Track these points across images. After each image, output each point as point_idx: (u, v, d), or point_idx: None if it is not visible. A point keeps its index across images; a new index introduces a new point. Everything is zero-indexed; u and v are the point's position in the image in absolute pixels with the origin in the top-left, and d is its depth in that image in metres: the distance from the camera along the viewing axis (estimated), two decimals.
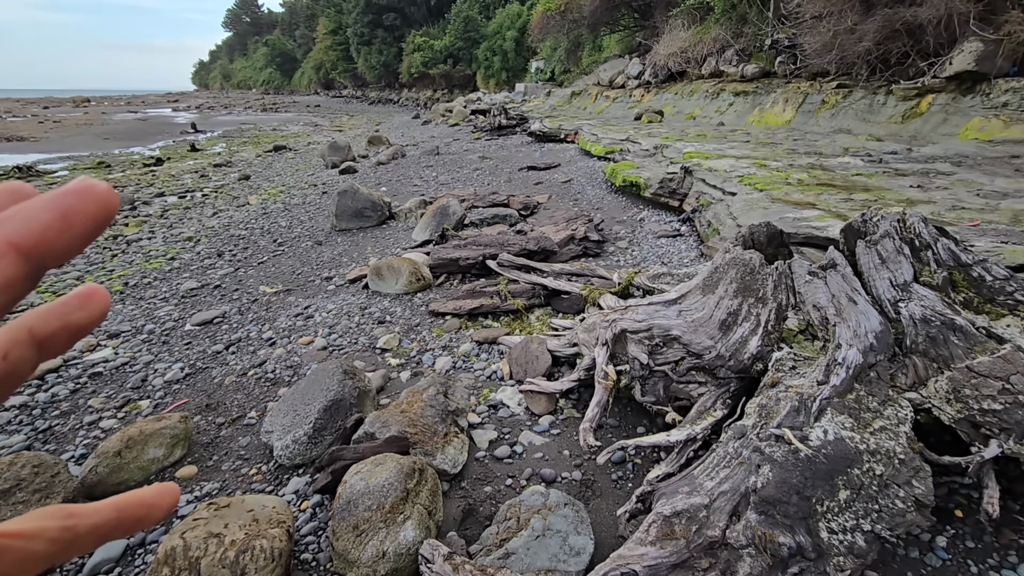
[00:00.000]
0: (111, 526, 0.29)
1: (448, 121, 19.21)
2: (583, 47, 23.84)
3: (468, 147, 12.28)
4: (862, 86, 10.26)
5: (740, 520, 1.58)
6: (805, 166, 6.15)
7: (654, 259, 4.63)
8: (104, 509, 0.29)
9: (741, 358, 2.16)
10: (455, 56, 36.18)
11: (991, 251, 2.94)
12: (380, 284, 4.16)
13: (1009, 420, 1.71)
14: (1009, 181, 5.03)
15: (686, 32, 16.17)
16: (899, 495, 1.56)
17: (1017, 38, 7.44)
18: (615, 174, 6.86)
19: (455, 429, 2.33)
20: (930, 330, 1.98)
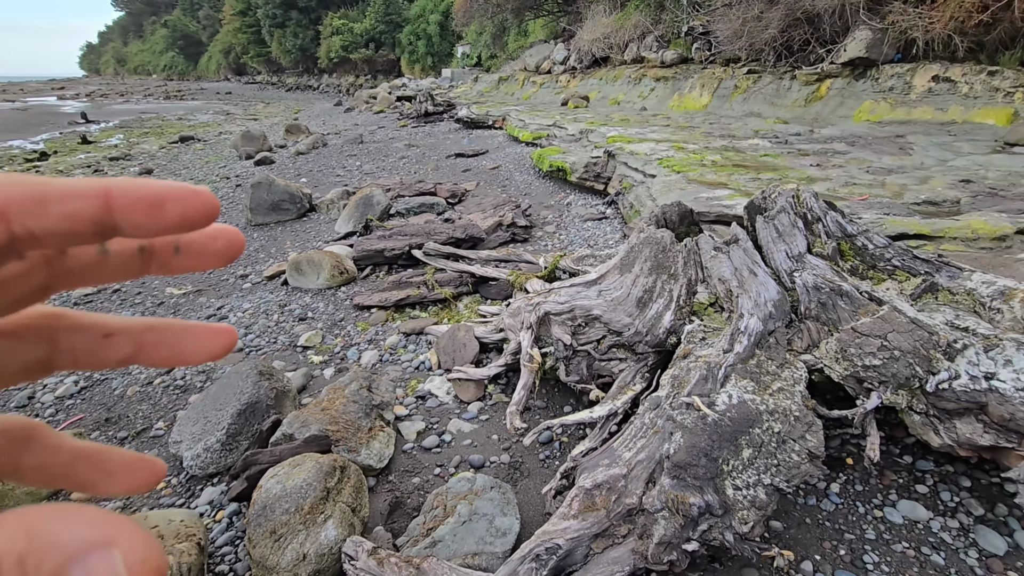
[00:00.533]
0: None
1: (372, 108, 18.60)
2: (508, 32, 23.75)
3: (394, 135, 11.95)
4: (770, 72, 10.90)
5: (655, 486, 1.65)
6: (719, 148, 6.47)
7: (581, 242, 4.73)
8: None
9: (657, 333, 2.25)
10: (377, 40, 34.98)
11: (876, 222, 3.22)
12: (300, 279, 3.98)
13: (886, 373, 1.89)
14: (894, 159, 5.53)
15: (608, 18, 16.49)
16: (795, 449, 1.68)
17: (899, 27, 8.15)
18: (542, 159, 6.92)
19: (380, 423, 2.29)
20: (821, 296, 2.14)
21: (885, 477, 2.02)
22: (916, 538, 1.78)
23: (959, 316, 2.10)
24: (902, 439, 2.17)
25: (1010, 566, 1.68)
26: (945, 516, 1.85)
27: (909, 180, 4.45)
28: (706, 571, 1.71)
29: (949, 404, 1.82)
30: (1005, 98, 6.61)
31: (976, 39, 6.98)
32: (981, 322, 2.05)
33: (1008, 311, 2.06)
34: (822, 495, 1.95)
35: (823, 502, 1.92)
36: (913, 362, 1.88)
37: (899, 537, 1.78)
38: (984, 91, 6.87)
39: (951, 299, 2.23)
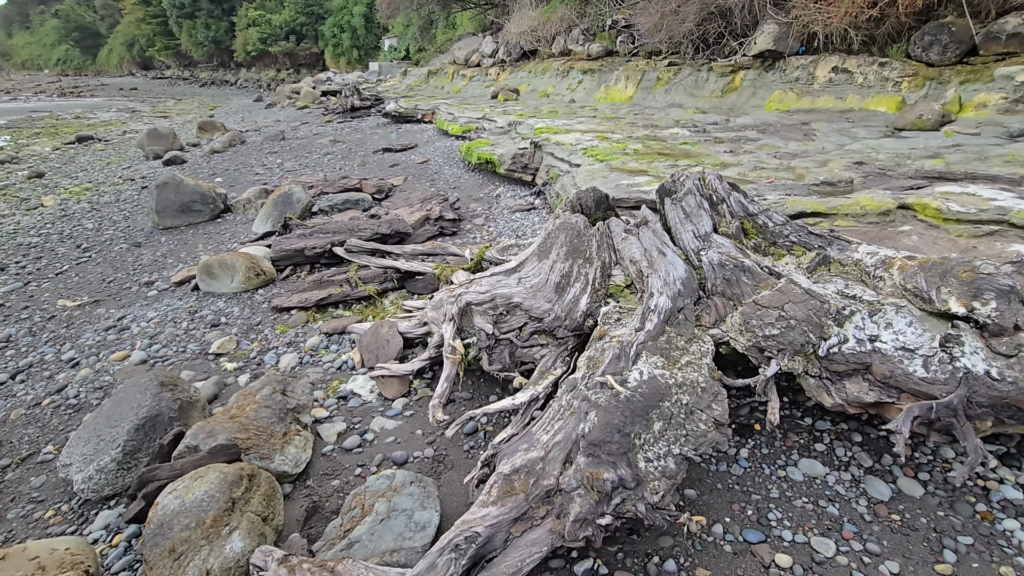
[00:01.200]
0: None
1: (296, 103, 17.81)
2: (436, 24, 23.42)
3: (318, 131, 11.50)
4: (689, 64, 11.34)
5: (572, 465, 1.68)
6: (642, 137, 6.66)
7: (509, 233, 4.73)
8: None
9: (575, 316, 2.28)
10: (298, 33, 33.48)
11: (778, 202, 3.42)
12: (212, 284, 3.74)
13: (784, 341, 2.00)
14: (799, 144, 5.90)
15: (534, 11, 16.58)
16: (702, 419, 1.76)
17: (802, 21, 8.68)
18: (470, 152, 6.87)
19: (296, 427, 2.19)
20: (726, 273, 2.25)
21: (788, 439, 2.15)
22: (814, 493, 1.90)
23: (848, 285, 2.26)
24: (804, 403, 2.32)
25: (893, 509, 1.83)
26: (839, 470, 1.99)
27: (811, 163, 4.76)
28: (625, 543, 1.75)
29: (839, 366, 1.96)
30: (894, 87, 7.21)
31: (868, 33, 7.56)
32: (867, 289, 2.22)
33: (889, 278, 2.23)
34: (732, 461, 2.05)
35: (733, 467, 2.02)
36: (807, 330, 2.01)
37: (799, 493, 1.90)
38: (876, 81, 7.46)
39: (841, 270, 2.40)
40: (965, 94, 6.15)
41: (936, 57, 6.64)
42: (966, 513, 1.80)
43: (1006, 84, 5.78)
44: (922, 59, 6.86)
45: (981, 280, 1.94)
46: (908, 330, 1.95)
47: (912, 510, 1.83)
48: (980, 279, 1.95)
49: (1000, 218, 2.66)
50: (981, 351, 1.85)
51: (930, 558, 1.67)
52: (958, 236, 2.71)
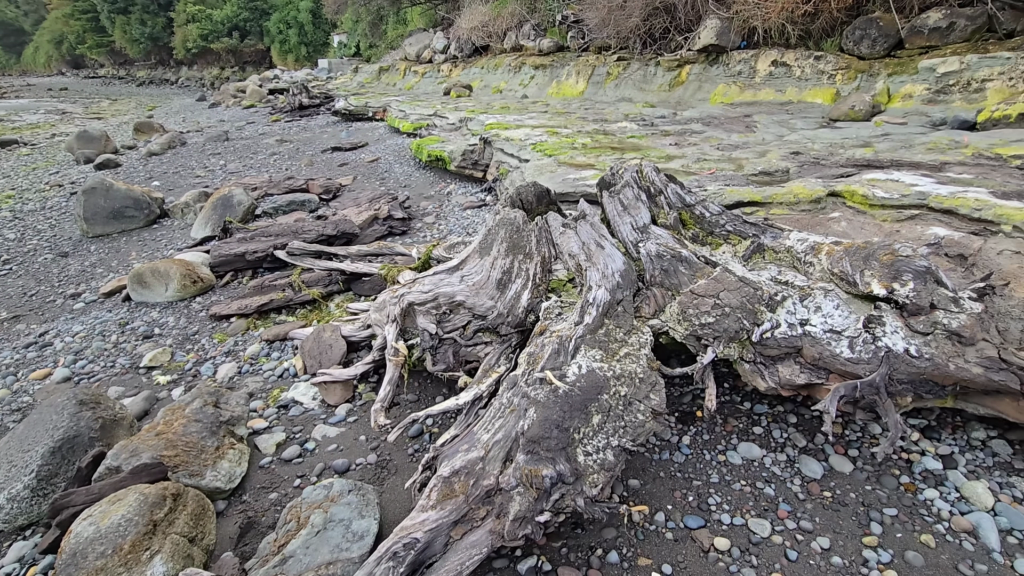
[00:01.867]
0: None
1: (241, 102, 17.16)
2: (386, 20, 22.96)
3: (265, 130, 11.11)
4: (637, 59, 11.51)
5: (512, 464, 1.66)
6: (591, 132, 6.72)
7: (460, 231, 4.69)
8: None
9: (517, 313, 2.27)
10: (241, 29, 32.18)
11: (718, 192, 3.50)
12: (145, 293, 3.55)
13: (719, 329, 2.04)
14: (741, 136, 6.08)
15: (485, 6, 16.48)
16: (640, 409, 1.77)
17: (743, 16, 8.93)
18: (420, 150, 6.77)
19: (230, 440, 2.09)
20: (663, 264, 2.28)
21: (728, 424, 2.20)
22: (752, 475, 1.95)
23: (781, 271, 2.33)
24: (743, 387, 2.38)
25: (825, 487, 1.90)
26: (776, 452, 2.05)
27: (751, 154, 4.91)
28: (569, 538, 1.75)
29: (772, 351, 2.01)
30: (829, 80, 7.51)
31: (804, 27, 7.85)
32: (798, 275, 2.29)
33: (818, 263, 2.31)
34: (675, 448, 2.09)
35: (675, 455, 2.06)
36: (741, 316, 2.06)
37: (738, 476, 1.95)
38: (813, 74, 7.75)
39: (775, 257, 2.47)
40: (893, 85, 6.47)
41: (866, 51, 6.95)
42: (891, 486, 1.88)
43: (929, 76, 6.11)
44: (854, 52, 7.17)
45: (900, 262, 2.03)
46: (835, 313, 2.02)
47: (842, 486, 1.90)
48: (899, 261, 2.04)
49: (920, 203, 2.80)
50: (901, 330, 1.94)
51: (858, 531, 1.74)
52: (883, 221, 2.83)
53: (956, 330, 1.89)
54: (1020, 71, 5.33)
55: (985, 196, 2.70)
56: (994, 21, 5.90)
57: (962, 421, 2.10)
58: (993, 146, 4.01)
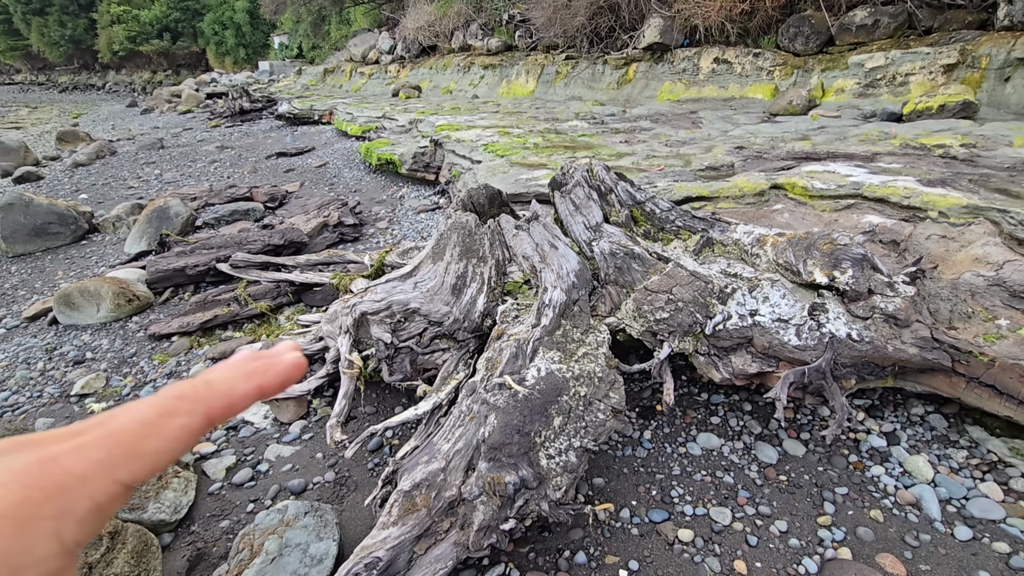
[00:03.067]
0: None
1: (176, 108, 16.35)
2: (329, 20, 22.38)
3: (203, 136, 10.61)
4: (585, 57, 11.65)
5: (474, 472, 1.63)
6: (542, 131, 6.74)
7: (415, 235, 4.60)
8: None
9: (473, 317, 2.24)
10: (173, 30, 30.62)
11: (667, 188, 3.57)
12: (74, 315, 3.30)
13: (674, 323, 2.07)
14: (687, 132, 6.23)
15: (430, 5, 16.31)
16: (600, 408, 1.77)
17: (684, 15, 9.19)
18: (369, 153, 6.62)
19: (175, 467, 1.97)
20: (617, 261, 2.29)
21: (687, 416, 2.24)
22: (711, 465, 1.99)
23: (730, 264, 2.39)
24: (699, 379, 2.43)
25: (780, 471, 1.96)
26: (733, 440, 2.10)
27: (698, 150, 5.04)
28: (536, 542, 1.74)
29: (725, 342, 2.06)
30: (768, 76, 7.81)
31: (743, 26, 8.14)
32: (746, 267, 2.36)
33: (764, 255, 2.38)
34: (637, 444, 2.10)
35: (637, 450, 2.07)
36: (694, 310, 2.09)
37: (698, 467, 1.99)
38: (753, 70, 8.05)
39: (724, 250, 2.52)
40: (826, 80, 6.79)
41: (801, 47, 7.27)
42: (841, 465, 1.96)
43: (858, 71, 6.45)
44: (789, 49, 7.49)
45: (839, 251, 2.11)
46: (782, 302, 2.09)
47: (796, 469, 1.97)
48: (838, 250, 2.12)
49: (855, 192, 2.93)
50: (843, 316, 2.02)
51: (813, 512, 1.80)
52: (822, 211, 2.95)
53: (892, 313, 1.98)
54: (938, 65, 5.70)
55: (913, 184, 2.86)
56: (914, 19, 6.29)
57: (902, 399, 2.21)
58: (918, 136, 4.26)
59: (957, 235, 2.49)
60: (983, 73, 5.43)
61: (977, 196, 2.68)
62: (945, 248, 2.45)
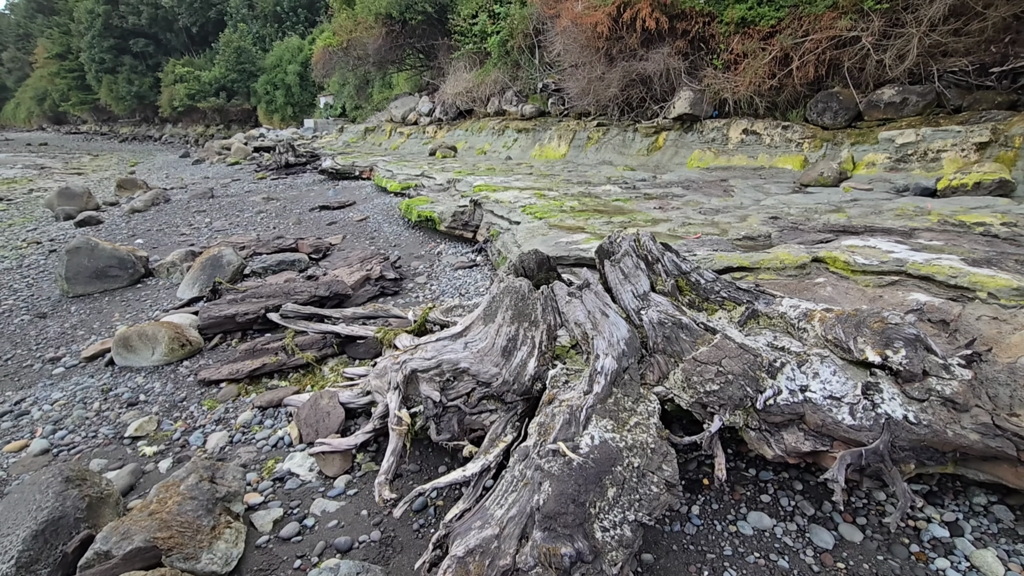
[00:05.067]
0: None
1: (226, 159, 17.36)
2: (372, 84, 23.88)
3: (251, 188, 11.21)
4: (616, 124, 12.13)
5: (528, 542, 1.62)
6: (577, 194, 6.96)
7: (452, 291, 4.72)
8: None
9: (523, 380, 2.28)
10: (229, 89, 33.00)
11: (707, 257, 3.63)
12: (131, 357, 3.45)
13: (724, 396, 2.08)
14: (720, 200, 6.37)
15: (469, 73, 17.33)
16: (653, 481, 1.76)
17: (713, 89, 9.58)
18: (410, 210, 6.90)
19: (227, 518, 2.00)
20: (665, 331, 2.33)
21: (736, 492, 2.20)
22: (764, 546, 1.94)
23: (776, 337, 2.40)
24: (745, 453, 2.39)
25: (838, 557, 1.89)
26: (785, 521, 2.04)
27: (732, 219, 5.13)
28: None
29: (776, 418, 2.05)
30: (797, 147, 8.01)
31: (771, 99, 8.44)
32: (793, 341, 2.37)
33: (811, 330, 2.39)
34: (685, 519, 2.06)
35: (686, 526, 2.03)
36: (744, 384, 2.10)
37: (751, 548, 1.93)
38: (781, 142, 8.26)
39: (769, 323, 2.54)
40: (856, 154, 6.92)
41: (829, 121, 7.47)
42: (902, 555, 1.89)
43: (888, 146, 6.57)
44: (818, 123, 7.70)
45: (890, 330, 2.12)
46: (833, 379, 2.08)
47: (855, 556, 1.89)
48: (889, 328, 2.13)
49: (899, 269, 2.95)
50: (898, 397, 2.00)
51: None
52: (865, 286, 2.97)
53: (950, 396, 1.96)
54: (970, 143, 5.79)
55: (958, 264, 2.86)
56: (942, 98, 6.45)
57: (962, 486, 2.14)
58: (955, 213, 4.28)
59: (1009, 317, 2.47)
60: (1017, 152, 5.48)
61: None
62: (998, 330, 2.43)
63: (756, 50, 8.03)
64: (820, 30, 7.16)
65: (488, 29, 15.23)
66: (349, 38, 19.90)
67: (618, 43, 10.32)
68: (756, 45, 8.05)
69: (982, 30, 6.01)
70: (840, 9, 7.01)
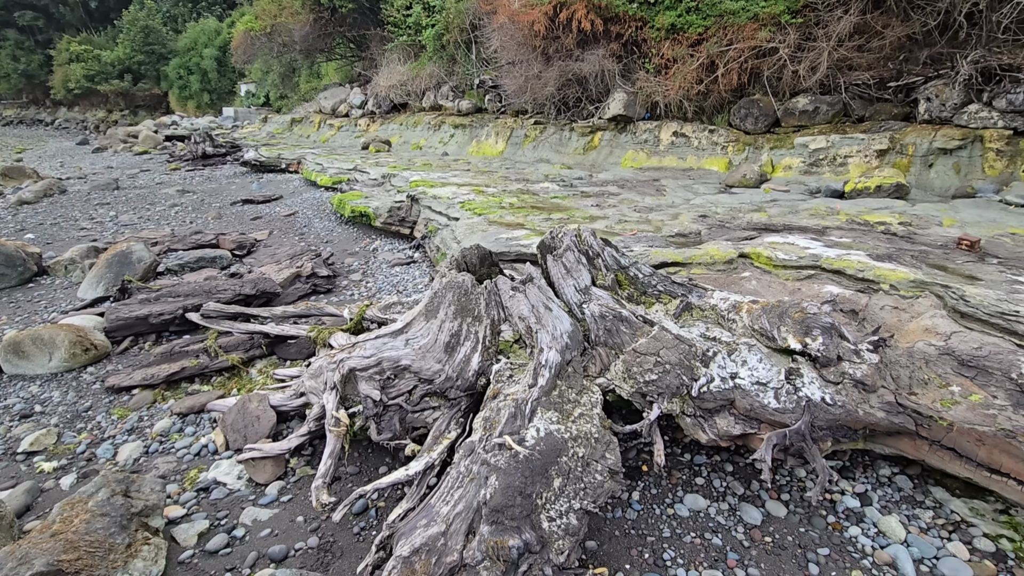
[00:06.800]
0: None
1: (133, 149, 15.98)
2: (299, 73, 22.79)
3: (163, 179, 10.38)
4: (553, 123, 12.29)
5: (475, 536, 1.60)
6: (515, 191, 6.98)
7: (389, 288, 4.60)
8: None
9: (467, 376, 2.25)
10: (135, 72, 30.26)
11: (643, 253, 3.76)
12: (23, 365, 3.08)
13: (662, 385, 2.15)
14: (653, 199, 6.61)
15: (403, 66, 16.94)
16: (597, 469, 1.80)
17: (646, 92, 9.93)
18: (343, 205, 6.65)
19: (145, 534, 1.83)
20: (606, 324, 2.38)
21: (673, 477, 2.29)
22: (699, 526, 2.03)
23: (709, 328, 2.51)
24: (681, 439, 2.49)
25: (765, 532, 2.01)
26: (718, 501, 2.15)
27: (665, 216, 5.34)
28: None
29: (709, 404, 2.14)
30: (722, 150, 8.46)
31: (699, 104, 8.87)
32: (724, 331, 2.49)
33: (740, 320, 2.52)
34: (626, 505, 2.12)
35: (627, 512, 2.09)
36: (680, 373, 2.18)
37: (687, 529, 2.01)
38: (708, 144, 8.70)
39: (702, 315, 2.66)
40: (775, 158, 7.42)
41: (751, 127, 7.96)
42: (821, 526, 2.03)
43: (803, 151, 7.09)
44: (741, 128, 8.17)
45: (809, 319, 2.28)
46: (760, 366, 2.21)
47: (780, 530, 2.02)
48: (808, 318, 2.29)
49: (815, 264, 3.18)
50: (816, 380, 2.16)
51: (799, 573, 1.84)
52: (786, 280, 3.18)
53: (860, 379, 2.13)
54: (872, 150, 6.37)
55: (864, 259, 3.13)
56: (848, 108, 7.05)
57: (870, 460, 2.34)
58: (861, 213, 4.69)
59: (907, 306, 2.73)
60: (910, 159, 6.09)
61: (920, 271, 2.96)
62: (898, 318, 2.68)
63: (685, 56, 8.40)
64: (743, 40, 7.60)
65: (423, 21, 14.96)
66: (273, 23, 18.87)
67: (555, 42, 10.46)
68: (685, 51, 8.42)
69: (881, 47, 6.62)
70: (760, 21, 7.47)
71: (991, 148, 5.74)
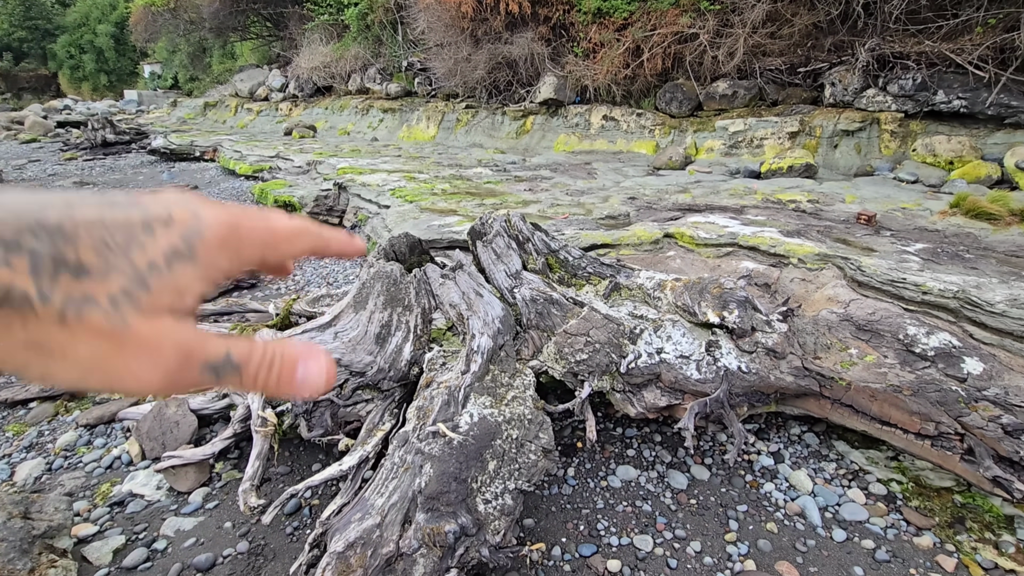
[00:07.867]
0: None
1: (18, 136, 14.37)
2: (211, 53, 21.24)
3: (56, 170, 9.42)
4: (485, 107, 12.18)
5: (411, 525, 1.60)
6: (448, 177, 6.90)
7: (319, 280, 4.44)
8: None
9: (399, 366, 2.22)
10: (15, 50, 27.10)
11: (574, 236, 3.83)
12: None
13: (592, 364, 2.22)
14: (585, 182, 6.73)
15: (326, 47, 16.16)
16: (531, 449, 1.84)
17: (575, 76, 10.04)
18: (265, 195, 6.32)
19: (50, 556, 1.69)
20: (538, 307, 2.42)
21: (606, 450, 2.38)
22: (631, 495, 2.13)
23: (636, 307, 2.61)
24: (614, 415, 2.59)
25: (691, 495, 2.14)
26: (648, 470, 2.26)
27: (596, 199, 5.47)
28: None
29: (637, 379, 2.24)
30: (649, 134, 8.72)
31: (627, 88, 9.07)
32: (650, 309, 2.59)
33: (664, 298, 2.64)
34: (561, 482, 2.18)
35: (563, 487, 2.15)
36: (610, 351, 2.26)
37: (620, 498, 2.11)
38: (637, 128, 8.94)
39: (630, 294, 2.76)
40: (699, 140, 7.74)
41: (675, 110, 8.25)
42: (740, 485, 2.19)
43: (723, 133, 7.44)
44: (666, 111, 8.45)
45: (726, 294, 2.42)
46: (683, 340, 2.33)
47: (704, 492, 2.16)
48: (725, 293, 2.42)
49: (732, 241, 3.37)
50: (733, 351, 2.30)
51: (720, 530, 1.98)
52: (707, 257, 3.35)
53: (772, 347, 2.29)
54: (785, 132, 6.78)
55: (776, 235, 3.35)
56: (763, 92, 7.45)
57: (782, 421, 2.53)
58: (775, 192, 5.00)
59: (813, 278, 2.95)
60: (818, 140, 6.55)
61: (825, 245, 3.21)
62: (805, 289, 2.89)
63: (612, 40, 8.55)
64: (666, 25, 7.83)
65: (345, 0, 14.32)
66: None
67: (483, 25, 10.33)
68: (611, 36, 8.56)
69: (791, 35, 7.03)
70: (681, 7, 7.72)
71: (886, 130, 6.27)
